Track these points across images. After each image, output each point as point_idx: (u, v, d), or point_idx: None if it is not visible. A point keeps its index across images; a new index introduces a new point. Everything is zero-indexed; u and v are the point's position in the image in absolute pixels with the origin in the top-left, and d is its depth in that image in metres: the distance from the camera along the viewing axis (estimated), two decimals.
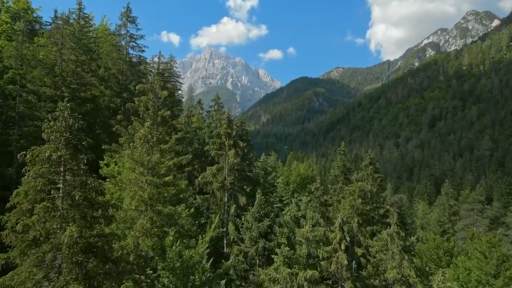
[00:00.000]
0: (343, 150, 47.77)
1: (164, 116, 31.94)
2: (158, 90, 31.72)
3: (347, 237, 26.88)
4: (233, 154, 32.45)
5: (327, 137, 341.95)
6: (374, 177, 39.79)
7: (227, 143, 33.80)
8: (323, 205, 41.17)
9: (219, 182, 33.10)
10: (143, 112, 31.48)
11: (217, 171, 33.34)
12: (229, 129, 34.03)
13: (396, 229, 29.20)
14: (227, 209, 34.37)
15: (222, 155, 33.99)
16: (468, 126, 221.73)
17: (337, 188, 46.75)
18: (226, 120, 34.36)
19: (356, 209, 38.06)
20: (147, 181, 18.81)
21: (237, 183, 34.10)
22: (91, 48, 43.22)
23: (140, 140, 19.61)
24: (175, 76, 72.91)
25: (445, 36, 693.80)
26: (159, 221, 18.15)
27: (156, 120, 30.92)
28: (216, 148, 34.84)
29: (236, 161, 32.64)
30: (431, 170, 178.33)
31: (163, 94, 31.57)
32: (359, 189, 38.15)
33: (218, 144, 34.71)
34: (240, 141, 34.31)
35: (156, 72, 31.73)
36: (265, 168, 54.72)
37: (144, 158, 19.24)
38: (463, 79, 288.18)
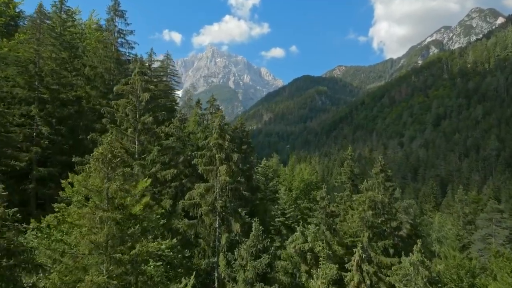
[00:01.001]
0: (350, 154, 44.23)
1: (145, 122, 27.34)
2: (140, 92, 27.46)
3: (367, 280, 23.05)
4: (225, 171, 27.35)
5: (330, 136, 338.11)
6: (385, 186, 36.23)
7: (218, 157, 28.61)
8: (330, 216, 37.82)
9: (208, 204, 27.96)
10: (121, 118, 27.10)
11: (206, 191, 28.14)
12: (220, 139, 28.80)
13: (420, 257, 25.18)
14: (219, 235, 29.62)
15: (211, 171, 28.70)
16: (473, 125, 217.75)
17: (344, 196, 43.26)
18: (217, 128, 29.05)
19: (366, 221, 34.50)
20: (103, 218, 13.99)
21: (230, 205, 29.17)
22: (74, 44, 39.68)
23: (97, 162, 14.79)
24: (172, 75, 69.55)
25: (449, 34, 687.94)
26: (119, 270, 14.25)
27: (137, 127, 26.94)
28: (205, 162, 29.55)
29: (229, 179, 27.59)
30: (437, 170, 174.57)
31: (145, 97, 27.04)
32: (369, 199, 34.56)
33: (208, 158, 29.43)
34: (234, 154, 29.28)
35: (137, 71, 27.50)
36: (266, 174, 51.36)
37: (101, 185, 14.69)
38: (467, 77, 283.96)
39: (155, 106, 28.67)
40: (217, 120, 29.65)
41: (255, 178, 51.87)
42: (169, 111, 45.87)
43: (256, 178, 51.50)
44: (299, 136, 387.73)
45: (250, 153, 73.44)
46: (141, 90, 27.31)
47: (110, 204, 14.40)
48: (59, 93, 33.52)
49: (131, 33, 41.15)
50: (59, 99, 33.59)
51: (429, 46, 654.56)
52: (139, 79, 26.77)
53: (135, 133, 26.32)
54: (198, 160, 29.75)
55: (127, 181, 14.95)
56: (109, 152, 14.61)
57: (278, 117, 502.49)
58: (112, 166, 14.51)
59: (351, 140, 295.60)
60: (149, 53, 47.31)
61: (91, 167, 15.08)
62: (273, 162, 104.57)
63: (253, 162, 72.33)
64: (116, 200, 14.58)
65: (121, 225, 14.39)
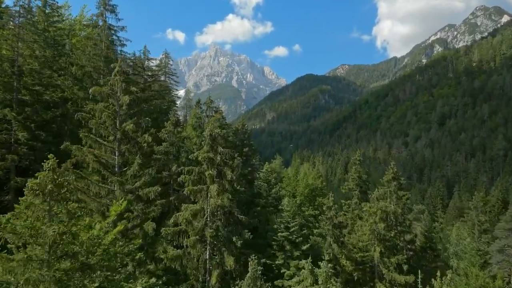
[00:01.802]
0: (358, 159, 41.23)
1: (126, 131, 22.94)
2: (120, 94, 23.30)
3: None
4: (217, 191, 22.85)
5: (334, 135, 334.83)
6: (398, 195, 33.26)
7: (209, 174, 23.95)
8: (337, 227, 34.86)
9: (195, 232, 23.18)
10: (97, 125, 22.71)
11: (193, 216, 23.28)
12: (211, 152, 24.15)
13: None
14: (209, 269, 24.78)
15: (200, 191, 23.94)
16: (479, 124, 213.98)
17: (352, 203, 40.29)
18: (208, 139, 24.28)
19: (377, 234, 31.55)
20: (40, 276, 10.04)
21: (223, 232, 24.56)
22: (59, 41, 36.75)
23: (33, 194, 10.74)
24: (171, 74, 66.66)
25: (453, 32, 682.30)
26: None
27: (117, 136, 23.02)
28: (193, 180, 24.61)
29: (222, 202, 22.88)
30: (443, 170, 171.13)
31: (124, 101, 22.87)
32: (381, 210, 31.56)
33: (196, 174, 24.61)
34: (228, 170, 24.61)
35: (117, 70, 23.36)
36: (269, 180, 48.36)
37: (38, 228, 10.59)
38: (473, 76, 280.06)
39: (139, 111, 25.14)
40: (208, 128, 25.12)
41: (257, 184, 48.93)
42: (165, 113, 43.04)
43: (258, 184, 48.59)
44: (302, 136, 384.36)
45: (252, 155, 70.51)
46: (122, 92, 23.38)
47: (51, 254, 11.04)
48: (42, 95, 30.73)
49: (123, 29, 38.27)
50: (42, 101, 30.79)
51: (433, 44, 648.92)
52: (119, 79, 22.86)
53: (114, 143, 22.94)
54: (185, 177, 24.79)
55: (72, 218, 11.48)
56: (50, 181, 11.25)
57: (281, 116, 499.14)
58: (56, 199, 11.20)
59: (354, 139, 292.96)
60: (142, 51, 44.58)
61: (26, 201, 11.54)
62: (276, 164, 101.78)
63: (255, 166, 69.43)
64: (60, 247, 11.20)
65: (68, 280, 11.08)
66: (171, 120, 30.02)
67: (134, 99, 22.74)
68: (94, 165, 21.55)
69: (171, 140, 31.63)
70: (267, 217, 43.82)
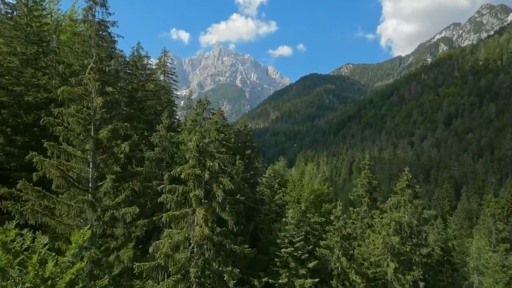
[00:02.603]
0: (368, 163, 38.34)
1: (99, 139, 19.46)
2: (95, 96, 19.87)
3: None
4: (205, 218, 18.30)
5: (338, 135, 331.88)
6: (414, 204, 30.30)
7: (194, 196, 19.27)
8: (346, 238, 32.07)
9: (177, 269, 18.33)
10: (65, 133, 18.93)
11: (173, 250, 18.48)
12: (198, 168, 19.72)
13: None
14: None
15: (184, 217, 19.22)
16: (486, 124, 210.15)
17: (361, 211, 37.40)
18: (195, 151, 19.83)
19: (390, 247, 28.69)
20: None
21: (212, 268, 20.33)
22: (43, 37, 33.92)
23: None
24: (170, 74, 64.02)
25: (459, 30, 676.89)
26: None
27: (91, 146, 19.50)
28: (177, 201, 19.86)
29: (208, 233, 18.19)
30: (450, 171, 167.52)
31: (97, 103, 19.35)
32: (395, 222, 28.68)
33: (181, 195, 19.83)
34: (218, 190, 20.18)
35: (91, 67, 20.18)
36: (272, 185, 45.55)
37: None
38: (479, 75, 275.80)
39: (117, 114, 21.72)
40: (194, 138, 20.27)
41: (259, 190, 46.16)
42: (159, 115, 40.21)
43: (260, 190, 45.83)
44: (306, 135, 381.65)
45: (254, 158, 67.81)
46: (97, 93, 19.99)
47: None
48: (22, 96, 28.04)
49: (114, 24, 35.54)
50: (24, 102, 28.10)
51: (438, 43, 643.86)
52: (93, 78, 19.53)
53: (88, 153, 19.74)
54: (166, 198, 19.97)
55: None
56: None
57: (285, 116, 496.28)
58: None
59: (359, 139, 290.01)
60: (136, 48, 41.68)
61: None
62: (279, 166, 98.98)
63: (258, 169, 66.72)
64: None
65: None
66: (163, 123, 27.10)
67: (112, 101, 19.71)
68: (58, 182, 18.18)
69: (163, 145, 28.94)
70: (269, 226, 41.04)
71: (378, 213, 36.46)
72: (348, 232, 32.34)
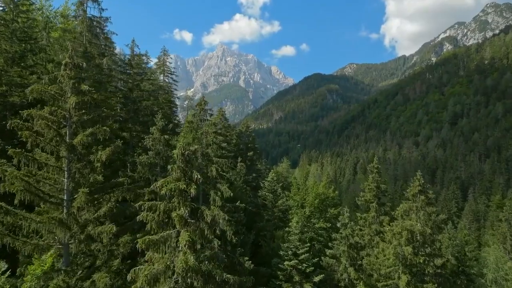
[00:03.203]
0: (376, 167, 36.19)
1: (74, 145, 16.97)
2: (70, 95, 17.47)
3: None
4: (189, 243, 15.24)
5: (342, 135, 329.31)
6: (427, 211, 28.17)
7: (177, 215, 16.17)
8: (353, 247, 30.02)
9: None
10: (32, 138, 16.47)
11: (151, 283, 15.41)
12: (183, 182, 16.54)
13: None
14: None
15: (166, 241, 16.12)
16: (493, 123, 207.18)
17: (369, 217, 35.21)
18: (179, 161, 16.94)
19: (402, 258, 26.59)
20: None
21: None
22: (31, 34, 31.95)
23: None
24: (169, 73, 62.04)
25: (463, 29, 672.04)
26: None
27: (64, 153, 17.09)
28: (159, 220, 16.89)
29: (194, 263, 14.99)
30: (456, 172, 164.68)
31: (70, 103, 17.04)
32: (407, 231, 26.58)
33: (163, 213, 16.79)
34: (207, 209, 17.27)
35: (65, 62, 17.89)
36: (274, 190, 43.53)
37: None
38: (485, 74, 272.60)
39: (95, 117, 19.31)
40: (179, 145, 17.30)
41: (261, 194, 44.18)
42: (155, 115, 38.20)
43: (262, 195, 43.84)
44: (310, 135, 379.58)
45: (257, 160, 65.87)
46: (72, 92, 17.65)
47: None
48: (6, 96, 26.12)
49: (107, 21, 33.71)
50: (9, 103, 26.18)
51: (443, 42, 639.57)
52: (67, 75, 17.35)
53: (62, 162, 17.42)
54: (146, 216, 16.88)
55: None
56: None
57: (289, 116, 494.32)
58: None
59: (363, 139, 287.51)
60: (130, 46, 39.63)
61: None
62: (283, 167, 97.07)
63: (260, 171, 64.75)
64: None
65: None
66: (157, 125, 25.11)
67: (89, 102, 17.57)
68: (20, 196, 15.57)
69: (157, 149, 27.01)
70: (272, 233, 39.03)
71: (387, 220, 34.39)
72: (356, 241, 30.35)
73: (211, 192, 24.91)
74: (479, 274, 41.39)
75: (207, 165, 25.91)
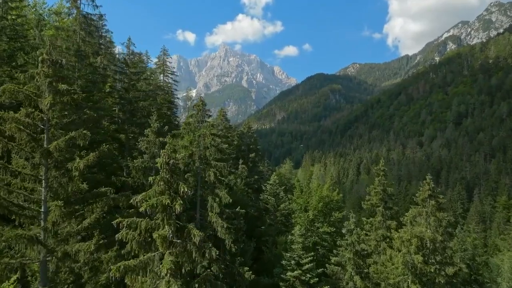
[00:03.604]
0: (382, 169, 34.70)
1: (50, 152, 15.15)
2: (48, 94, 15.67)
3: None
4: (172, 270, 13.26)
5: (345, 135, 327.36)
6: (437, 217, 26.64)
7: (160, 235, 14.26)
8: (359, 255, 28.55)
9: None
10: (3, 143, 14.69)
11: None
12: (167, 197, 14.56)
13: None
14: None
15: (146, 266, 14.22)
16: (498, 123, 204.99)
17: (375, 222, 33.72)
18: (163, 172, 15.05)
19: (411, 267, 25.12)
20: None
21: None
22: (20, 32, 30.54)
23: None
24: (169, 73, 60.75)
25: (467, 29, 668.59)
26: None
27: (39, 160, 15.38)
28: (141, 240, 14.92)
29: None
30: (462, 172, 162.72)
31: (45, 105, 15.28)
32: (416, 238, 25.09)
33: (145, 232, 14.83)
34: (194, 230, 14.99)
35: (42, 58, 16.17)
36: (276, 193, 42.11)
37: None
38: (490, 73, 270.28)
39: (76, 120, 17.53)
40: (162, 153, 15.28)
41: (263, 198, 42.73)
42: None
43: (264, 198, 42.40)
44: (313, 136, 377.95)
45: (259, 161, 64.50)
46: (50, 92, 15.73)
47: None
48: None
49: (101, 18, 32.36)
50: None
51: (446, 41, 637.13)
52: (44, 73, 15.45)
53: (38, 170, 15.68)
54: (126, 234, 14.89)
55: None
56: None
57: (292, 116, 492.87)
58: None
59: (367, 139, 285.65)
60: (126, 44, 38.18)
61: None
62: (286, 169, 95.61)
63: (263, 173, 63.38)
64: None
65: None
66: (152, 127, 23.63)
67: (69, 102, 15.99)
68: None
69: (152, 152, 25.61)
70: (274, 239, 37.57)
71: (394, 224, 32.93)
72: (362, 248, 28.93)
73: (209, 198, 23.49)
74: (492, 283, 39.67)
75: (205, 169, 24.53)
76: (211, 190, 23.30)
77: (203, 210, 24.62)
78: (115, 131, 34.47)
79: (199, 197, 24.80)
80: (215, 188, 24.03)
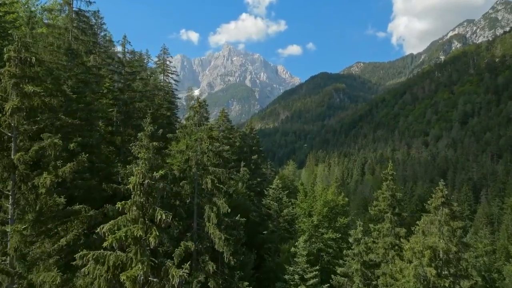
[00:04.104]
0: (391, 173, 32.90)
1: (14, 164, 13.37)
2: (15, 97, 13.77)
3: None
4: None
5: (349, 134, 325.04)
6: (451, 226, 24.85)
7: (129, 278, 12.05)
8: (367, 266, 26.85)
9: None
10: None
11: None
12: (141, 226, 12.47)
13: None
14: None
15: None
16: (505, 123, 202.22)
17: (383, 229, 31.96)
18: (137, 195, 13.12)
19: (423, 280, 23.39)
20: None
21: None
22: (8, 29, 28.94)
23: None
24: (169, 73, 59.19)
25: (472, 27, 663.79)
26: None
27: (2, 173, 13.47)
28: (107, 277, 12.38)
29: None
30: (468, 173, 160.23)
31: (7, 109, 13.31)
32: (430, 250, 23.35)
33: (114, 268, 12.45)
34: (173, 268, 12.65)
35: (8, 56, 14.21)
36: (279, 198, 40.47)
37: None
38: (496, 72, 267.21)
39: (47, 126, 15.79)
40: (136, 171, 13.65)
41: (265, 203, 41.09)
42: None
43: (266, 203, 40.76)
44: (317, 135, 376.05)
45: (262, 163, 62.85)
46: (18, 95, 13.78)
47: None
48: None
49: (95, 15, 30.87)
50: None
51: (452, 40, 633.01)
52: (8, 73, 13.45)
53: (7, 184, 13.67)
54: (93, 270, 12.58)
55: None
56: None
57: (295, 116, 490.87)
58: None
59: (371, 139, 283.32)
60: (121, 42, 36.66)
61: None
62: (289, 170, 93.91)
63: (265, 175, 61.76)
64: None
65: None
66: (145, 130, 22.00)
67: (40, 107, 14.20)
68: None
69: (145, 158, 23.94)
70: (277, 246, 35.93)
71: (403, 232, 31.20)
72: (370, 258, 27.28)
73: (206, 207, 21.83)
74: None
75: (202, 175, 22.88)
76: (208, 199, 21.64)
77: (200, 219, 22.99)
78: (110, 134, 32.92)
79: (196, 205, 23.16)
80: (212, 196, 22.38)
